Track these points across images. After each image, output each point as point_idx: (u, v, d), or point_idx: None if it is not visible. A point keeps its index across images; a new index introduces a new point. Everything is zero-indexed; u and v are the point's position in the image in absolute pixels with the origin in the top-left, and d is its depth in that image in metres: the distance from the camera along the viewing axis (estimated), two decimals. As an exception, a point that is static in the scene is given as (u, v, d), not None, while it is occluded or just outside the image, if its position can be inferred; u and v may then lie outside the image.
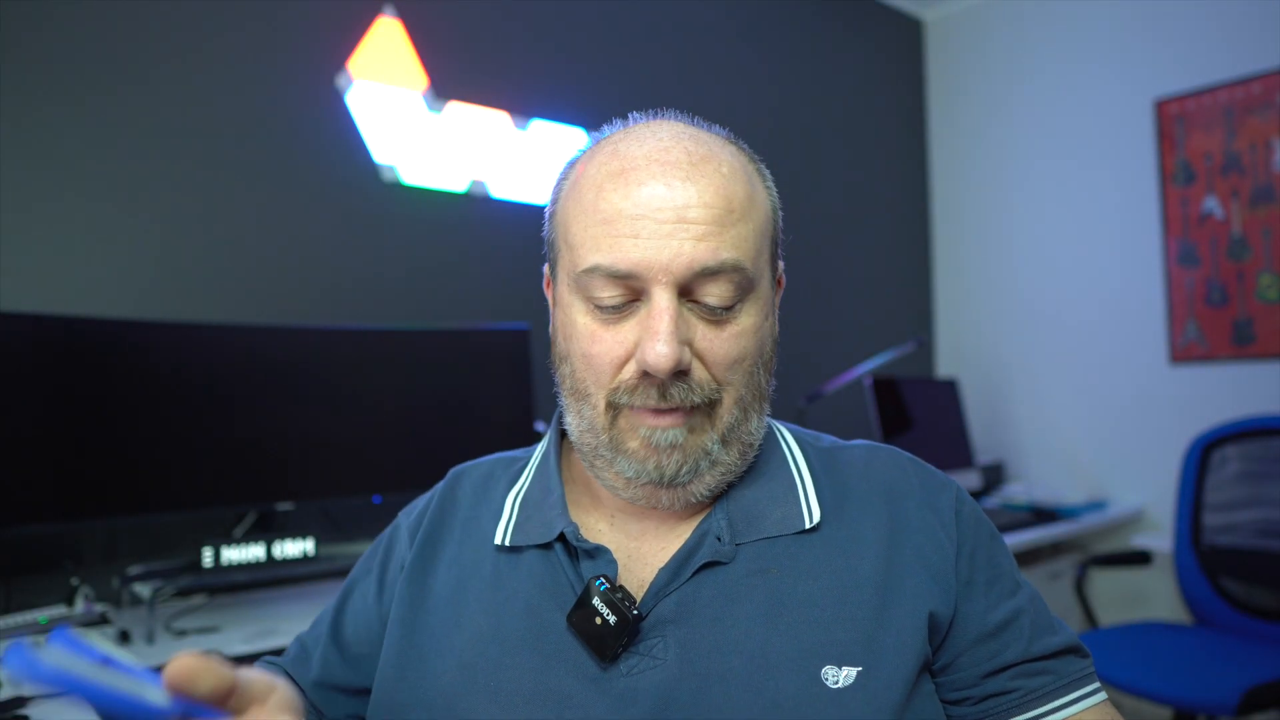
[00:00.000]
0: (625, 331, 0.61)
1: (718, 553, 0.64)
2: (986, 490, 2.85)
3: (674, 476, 0.63)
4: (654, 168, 0.61)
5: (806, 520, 0.66)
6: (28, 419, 1.42)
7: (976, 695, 0.65)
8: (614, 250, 0.60)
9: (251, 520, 1.67)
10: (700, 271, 0.59)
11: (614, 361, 0.62)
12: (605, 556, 0.65)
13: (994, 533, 0.71)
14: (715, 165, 0.62)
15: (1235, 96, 2.58)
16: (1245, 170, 2.57)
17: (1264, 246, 2.53)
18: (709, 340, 0.61)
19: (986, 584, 0.67)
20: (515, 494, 0.74)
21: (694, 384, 0.61)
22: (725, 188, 0.61)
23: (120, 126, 1.72)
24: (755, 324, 0.64)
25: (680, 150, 0.62)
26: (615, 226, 0.60)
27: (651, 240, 0.59)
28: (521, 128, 2.26)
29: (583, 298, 0.63)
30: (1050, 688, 0.65)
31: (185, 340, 1.57)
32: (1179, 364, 2.69)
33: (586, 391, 0.64)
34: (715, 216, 0.60)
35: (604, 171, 0.62)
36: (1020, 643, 0.65)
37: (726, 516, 0.66)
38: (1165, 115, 2.72)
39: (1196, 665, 1.92)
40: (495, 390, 1.92)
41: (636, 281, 0.60)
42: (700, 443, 0.63)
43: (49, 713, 1.14)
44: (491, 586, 0.68)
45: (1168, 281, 2.72)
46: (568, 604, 0.64)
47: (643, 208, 0.59)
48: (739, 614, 0.62)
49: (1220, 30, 2.62)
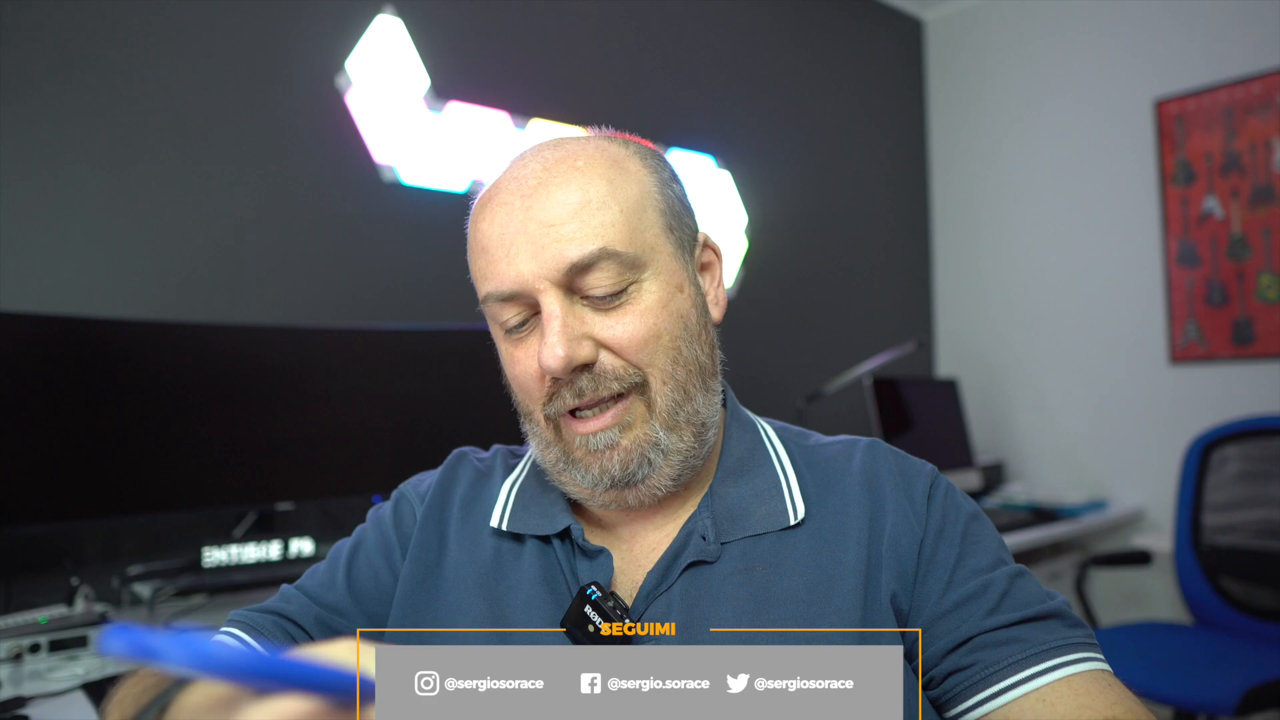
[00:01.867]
0: (532, 345, 0.64)
1: (703, 552, 0.65)
2: (986, 490, 2.85)
3: (625, 476, 0.63)
4: (511, 186, 0.64)
5: (791, 516, 0.66)
6: (28, 419, 1.42)
7: (939, 675, 0.61)
8: (494, 275, 0.63)
9: (251, 520, 1.67)
10: (571, 269, 0.61)
11: (533, 377, 0.64)
12: (605, 559, 0.66)
13: (975, 514, 0.68)
14: (569, 165, 0.64)
15: (1235, 96, 2.58)
16: (1245, 170, 2.57)
17: (1264, 246, 2.53)
18: (609, 328, 0.62)
19: (955, 561, 0.64)
20: (512, 481, 0.75)
21: (603, 373, 0.62)
22: (581, 181, 0.63)
23: (120, 126, 1.72)
24: (661, 299, 0.64)
25: (536, 164, 0.65)
26: (490, 253, 0.63)
27: (522, 254, 0.61)
28: (521, 128, 2.26)
29: (496, 325, 0.66)
30: (1016, 657, 0.59)
31: (185, 340, 1.57)
32: (1179, 364, 2.69)
33: (529, 411, 0.67)
34: (573, 212, 0.62)
35: (477, 207, 0.67)
36: (979, 613, 0.61)
37: (711, 515, 0.67)
38: (1165, 115, 2.72)
39: (1196, 665, 1.92)
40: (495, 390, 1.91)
41: (525, 297, 0.62)
42: (643, 434, 0.63)
43: (49, 713, 1.14)
44: (493, 573, 0.69)
45: (1168, 281, 2.72)
46: (564, 599, 0.65)
47: (505, 227, 0.63)
48: (726, 613, 0.62)
49: (1220, 30, 2.61)
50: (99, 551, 1.65)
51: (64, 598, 1.36)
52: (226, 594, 1.73)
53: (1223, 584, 2.19)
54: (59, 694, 1.19)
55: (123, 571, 1.56)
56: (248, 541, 1.58)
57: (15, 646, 1.22)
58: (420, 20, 2.10)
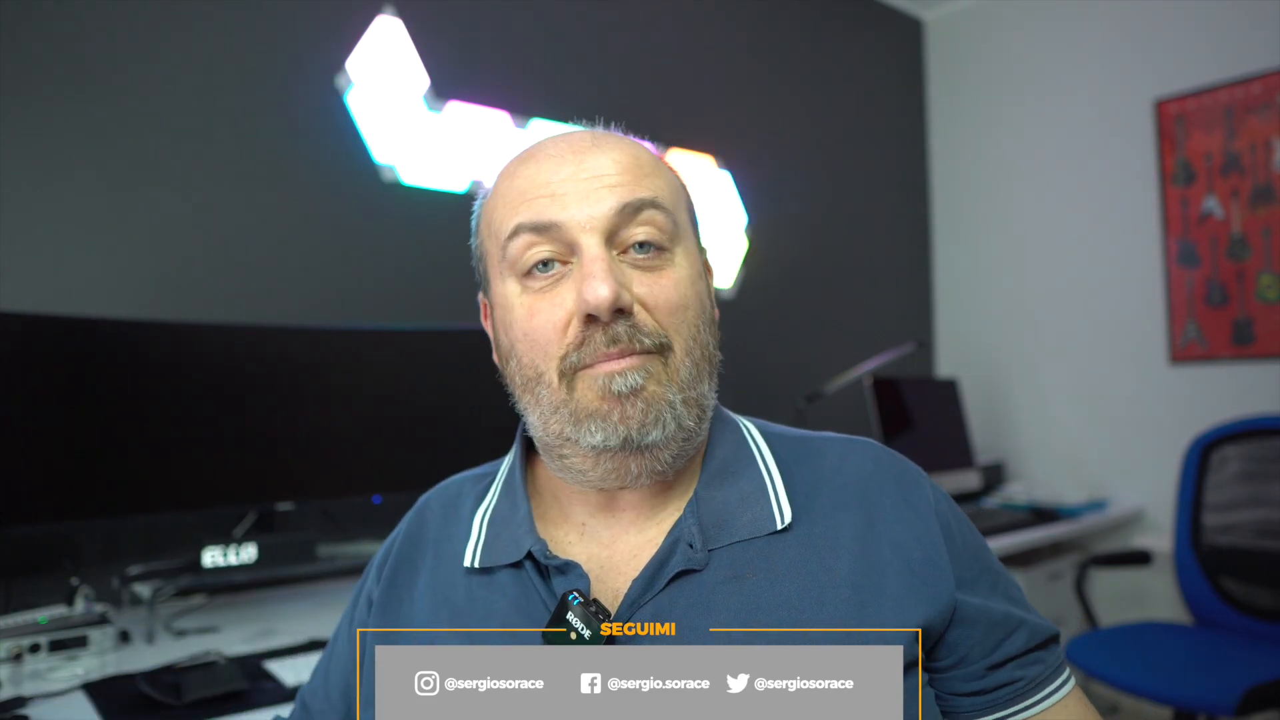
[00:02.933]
0: (561, 294, 0.62)
1: (690, 560, 0.63)
2: (986, 490, 2.85)
3: (640, 430, 0.60)
4: (559, 145, 0.65)
5: (778, 521, 0.65)
6: (28, 419, 1.42)
7: (989, 685, 0.66)
8: (533, 208, 0.62)
9: (251, 520, 1.67)
10: (621, 210, 0.61)
11: (556, 326, 0.61)
12: (576, 571, 0.64)
13: (969, 523, 0.72)
14: (617, 140, 0.66)
15: (1235, 96, 2.58)
16: (1245, 170, 2.57)
17: (1264, 246, 2.53)
18: (646, 285, 0.62)
19: (977, 577, 0.67)
20: (483, 512, 0.72)
21: (639, 325, 0.61)
22: (631, 150, 0.65)
23: (120, 126, 1.72)
24: (690, 276, 0.65)
25: (584, 134, 0.66)
26: (532, 192, 0.63)
27: (570, 195, 0.61)
28: (521, 128, 2.26)
29: (514, 275, 0.63)
30: (1044, 675, 0.67)
31: (185, 340, 1.57)
32: (1179, 364, 2.69)
33: (539, 372, 0.63)
34: (626, 168, 0.63)
35: (514, 163, 0.66)
36: (1021, 636, 0.67)
37: (697, 521, 0.65)
38: (1165, 115, 2.72)
39: (1196, 665, 1.92)
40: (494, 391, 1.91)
41: (562, 234, 0.61)
42: (662, 393, 0.61)
43: (49, 713, 1.14)
44: (466, 609, 0.67)
45: (1168, 281, 2.72)
46: (540, 622, 0.62)
47: (556, 174, 0.62)
48: (715, 622, 0.61)
49: (1220, 30, 2.61)
50: (99, 551, 1.65)
51: (64, 598, 1.36)
52: (226, 594, 1.73)
53: (1223, 584, 2.18)
54: (59, 694, 1.19)
55: (123, 571, 1.56)
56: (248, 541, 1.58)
57: (15, 646, 1.22)
58: (420, 20, 2.10)
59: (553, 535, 0.68)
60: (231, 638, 1.47)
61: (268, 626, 1.54)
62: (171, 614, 1.57)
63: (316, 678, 0.77)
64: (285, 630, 1.50)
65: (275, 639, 1.45)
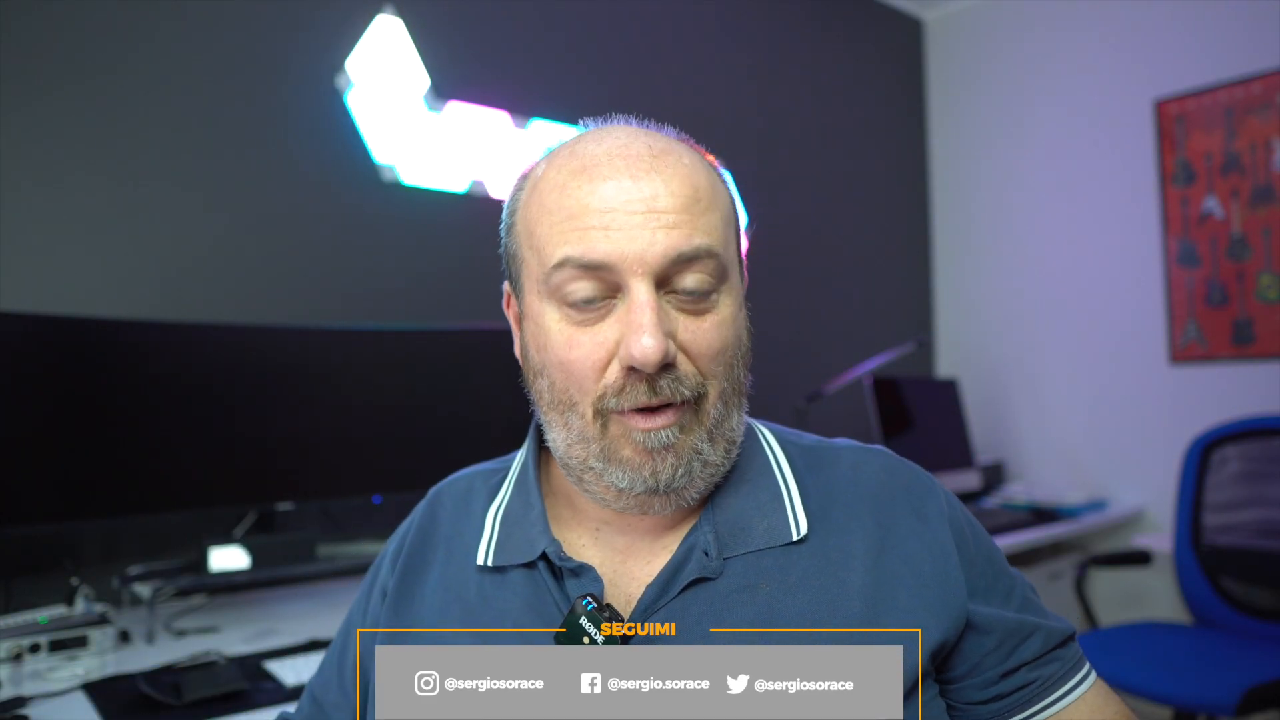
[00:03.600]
0: (604, 332, 0.59)
1: (705, 568, 0.63)
2: (986, 490, 2.85)
3: (669, 481, 0.60)
4: (616, 162, 0.60)
5: (794, 532, 0.65)
6: (27, 419, 1.42)
7: (1005, 690, 0.66)
8: (584, 241, 0.58)
9: (251, 520, 1.67)
10: (676, 259, 0.58)
11: (595, 365, 0.59)
12: (590, 575, 0.64)
13: (981, 529, 0.72)
14: (676, 157, 0.61)
15: (1235, 96, 2.58)
16: (1245, 170, 2.57)
17: (1264, 246, 2.53)
18: (691, 331, 0.60)
19: (991, 585, 0.67)
20: (496, 509, 0.71)
21: (682, 377, 0.59)
22: (690, 177, 0.61)
23: (120, 126, 1.72)
24: (733, 314, 0.63)
25: (640, 145, 0.61)
26: (583, 220, 0.58)
27: (623, 232, 0.57)
28: (521, 128, 2.26)
29: (555, 301, 0.60)
30: (1060, 673, 0.67)
31: (185, 340, 1.57)
32: (1179, 364, 2.69)
33: (572, 401, 0.61)
34: (684, 204, 0.59)
35: (565, 171, 0.61)
36: (1037, 640, 0.67)
37: (713, 529, 0.64)
38: (1165, 115, 2.72)
39: (1196, 665, 1.92)
40: (495, 390, 1.91)
41: (611, 274, 0.58)
42: (691, 442, 0.61)
43: (49, 713, 1.14)
44: (478, 608, 0.66)
45: (1168, 281, 2.72)
46: (555, 623, 0.62)
47: (610, 202, 0.58)
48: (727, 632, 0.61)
49: (1220, 30, 2.61)
50: (99, 551, 1.65)
51: (64, 598, 1.36)
52: (226, 594, 1.73)
53: (1222, 584, 2.18)
54: (59, 694, 1.19)
55: (123, 571, 1.56)
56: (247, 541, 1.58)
57: (15, 646, 1.22)
58: (420, 20, 2.10)
59: (566, 537, 0.68)
60: (231, 638, 1.47)
61: (268, 626, 1.53)
62: (171, 614, 1.57)
63: (328, 671, 0.77)
64: (285, 630, 1.50)
65: (275, 639, 1.45)
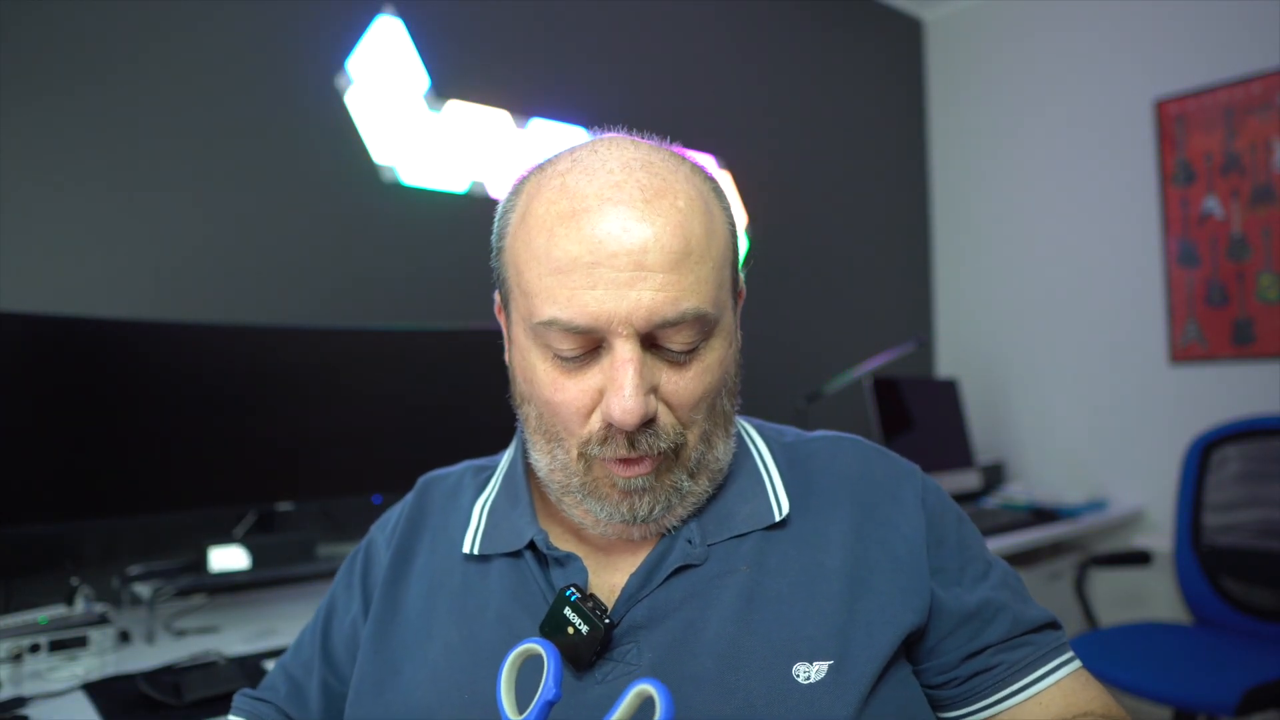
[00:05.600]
0: (589, 379, 0.59)
1: (689, 555, 0.64)
2: (986, 490, 2.85)
3: (646, 516, 0.62)
4: (606, 207, 0.57)
5: (776, 513, 0.66)
6: (27, 419, 1.42)
7: (962, 675, 0.66)
8: (571, 304, 0.57)
9: (251, 520, 1.67)
10: (661, 323, 0.57)
11: (580, 411, 0.60)
12: (575, 564, 0.65)
13: (961, 515, 0.72)
14: (671, 200, 0.58)
15: (1235, 96, 2.58)
16: (1245, 170, 2.57)
17: (1264, 246, 2.53)
18: (674, 384, 0.60)
19: (959, 569, 0.68)
20: (483, 502, 0.73)
21: (660, 430, 0.60)
22: (683, 225, 0.58)
23: (120, 126, 1.72)
24: (719, 357, 0.62)
25: (634, 185, 0.58)
26: (570, 277, 0.57)
27: (609, 290, 0.56)
28: (521, 127, 2.26)
29: (541, 345, 0.60)
30: (1031, 658, 0.66)
31: (185, 340, 1.57)
32: (1179, 364, 2.69)
33: (558, 436, 0.62)
34: (674, 261, 0.57)
35: (554, 212, 0.59)
36: (1003, 623, 0.66)
37: (697, 519, 0.66)
38: (1165, 115, 2.72)
39: (1196, 665, 1.92)
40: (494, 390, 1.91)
41: (596, 333, 0.58)
42: (669, 481, 0.62)
43: (49, 713, 1.14)
44: (461, 596, 0.68)
45: (1168, 281, 2.72)
46: (539, 612, 0.63)
47: (597, 254, 0.56)
48: (711, 616, 0.62)
49: (1220, 30, 2.61)
50: (99, 551, 1.65)
51: (64, 598, 1.36)
52: (226, 594, 1.73)
53: (1223, 584, 2.19)
54: (59, 694, 1.19)
55: (123, 571, 1.56)
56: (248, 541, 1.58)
57: (15, 646, 1.22)
58: (420, 20, 2.10)
59: (552, 529, 0.69)
60: (231, 638, 1.47)
61: (268, 626, 1.53)
62: (171, 614, 1.57)
63: (307, 652, 0.76)
64: (285, 630, 1.50)
65: (275, 639, 1.45)
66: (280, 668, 0.78)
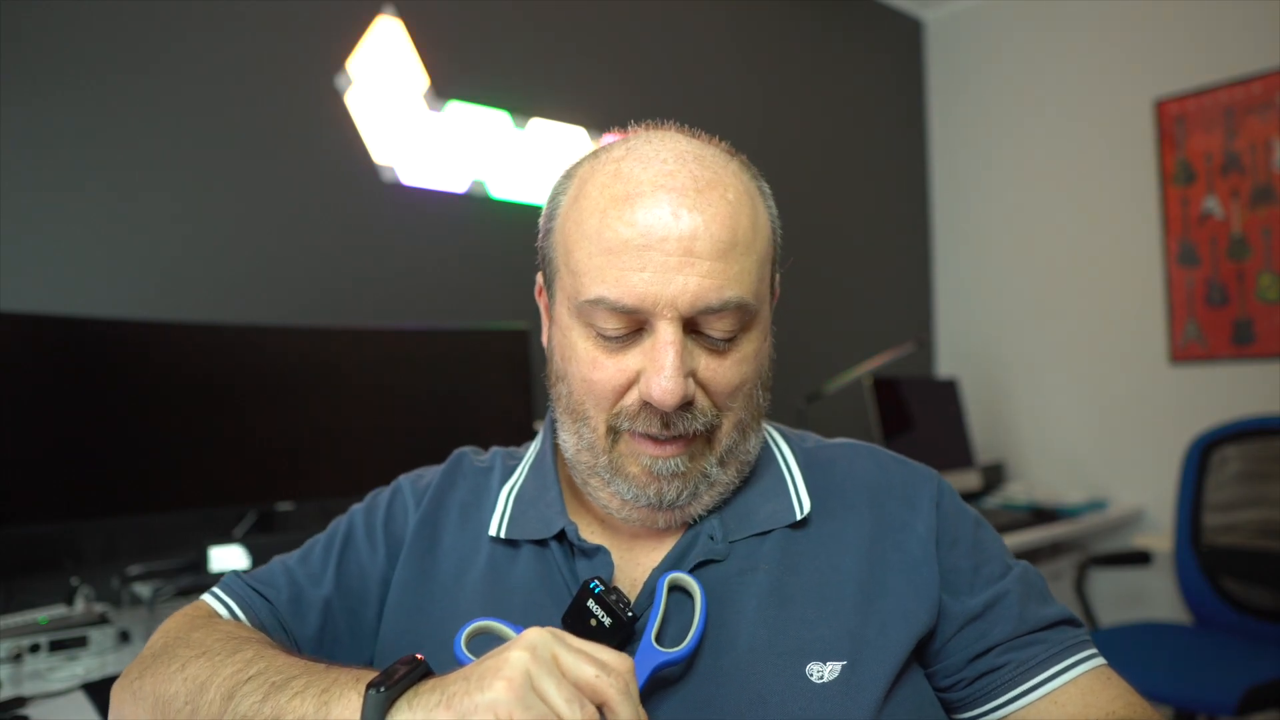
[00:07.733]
0: (628, 359, 0.61)
1: (711, 551, 0.65)
2: (986, 490, 2.85)
3: (673, 501, 0.64)
4: (660, 194, 0.59)
5: (798, 512, 0.67)
6: (28, 419, 1.42)
7: (969, 676, 0.65)
8: (620, 284, 0.59)
9: (251, 520, 1.67)
10: (705, 309, 0.59)
11: (616, 389, 0.62)
12: (603, 557, 0.66)
13: (978, 520, 0.72)
14: (721, 192, 0.61)
15: (1235, 96, 2.58)
16: (1245, 170, 2.57)
17: (1264, 246, 2.53)
18: (712, 370, 0.62)
19: (971, 571, 0.68)
20: (510, 488, 0.74)
21: (696, 413, 0.62)
22: (732, 217, 0.60)
23: (120, 126, 1.71)
24: (756, 349, 0.64)
25: (686, 175, 0.60)
26: (620, 258, 0.59)
27: (657, 273, 0.58)
28: (521, 128, 2.26)
29: (584, 323, 0.62)
30: (1042, 657, 0.64)
31: (185, 340, 1.57)
32: (1179, 364, 2.69)
33: (585, 414, 0.64)
34: (721, 250, 0.59)
35: (607, 195, 0.61)
36: (1008, 622, 0.65)
37: (719, 514, 0.67)
38: (1165, 115, 2.72)
39: (1196, 665, 1.92)
40: (495, 390, 1.92)
41: (641, 314, 0.60)
42: (699, 466, 0.64)
43: (49, 713, 1.14)
44: (488, 579, 0.69)
45: (1168, 281, 2.72)
46: (563, 601, 0.64)
47: (648, 237, 0.59)
48: (729, 613, 0.63)
49: (1220, 30, 2.61)
50: (99, 551, 1.65)
51: (64, 598, 1.36)
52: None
53: (1223, 584, 2.18)
54: (59, 694, 1.19)
55: (123, 571, 1.56)
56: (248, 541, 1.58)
57: (15, 646, 1.22)
58: (420, 20, 2.10)
59: (577, 521, 0.70)
60: (231, 638, 1.47)
61: (268, 626, 1.53)
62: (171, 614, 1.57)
63: (317, 566, 0.74)
64: (285, 630, 1.50)
65: (275, 639, 1.45)
66: (284, 569, 0.75)
